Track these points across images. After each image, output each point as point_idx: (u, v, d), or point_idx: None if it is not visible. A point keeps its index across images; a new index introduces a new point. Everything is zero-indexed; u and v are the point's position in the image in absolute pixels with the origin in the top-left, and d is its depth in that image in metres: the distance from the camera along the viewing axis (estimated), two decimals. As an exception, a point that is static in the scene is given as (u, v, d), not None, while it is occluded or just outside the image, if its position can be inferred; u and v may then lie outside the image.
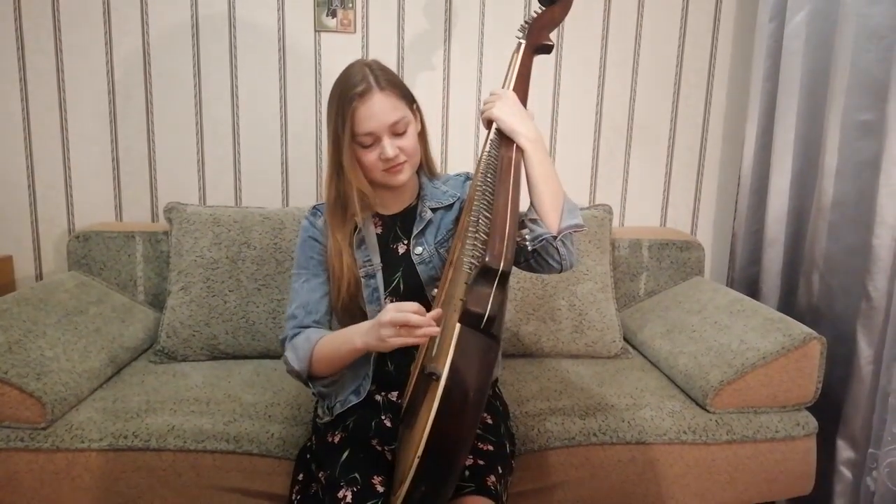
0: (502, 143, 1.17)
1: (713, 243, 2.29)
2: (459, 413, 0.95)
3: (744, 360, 1.55)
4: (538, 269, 1.21)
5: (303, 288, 1.32)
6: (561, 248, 1.17)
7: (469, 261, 1.00)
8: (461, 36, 2.08)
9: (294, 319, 1.30)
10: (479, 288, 0.97)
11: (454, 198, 1.36)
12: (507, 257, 0.97)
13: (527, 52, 1.27)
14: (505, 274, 0.97)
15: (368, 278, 1.30)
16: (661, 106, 2.19)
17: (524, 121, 1.18)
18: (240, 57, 2.03)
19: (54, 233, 2.08)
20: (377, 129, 1.20)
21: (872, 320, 1.60)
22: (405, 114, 1.23)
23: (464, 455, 1.02)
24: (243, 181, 2.11)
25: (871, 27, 1.61)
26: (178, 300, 1.81)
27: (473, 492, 1.14)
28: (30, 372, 1.42)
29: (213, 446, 1.43)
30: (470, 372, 0.95)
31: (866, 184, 1.64)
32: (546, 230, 1.16)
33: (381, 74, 1.22)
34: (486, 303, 0.96)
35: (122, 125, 2.04)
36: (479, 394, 0.97)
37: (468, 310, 0.96)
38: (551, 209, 1.17)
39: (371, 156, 1.23)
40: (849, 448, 1.68)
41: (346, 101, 1.20)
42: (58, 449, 1.40)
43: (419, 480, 0.98)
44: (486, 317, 0.96)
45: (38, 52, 1.97)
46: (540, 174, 1.17)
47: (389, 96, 1.21)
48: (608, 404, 1.59)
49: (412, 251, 1.31)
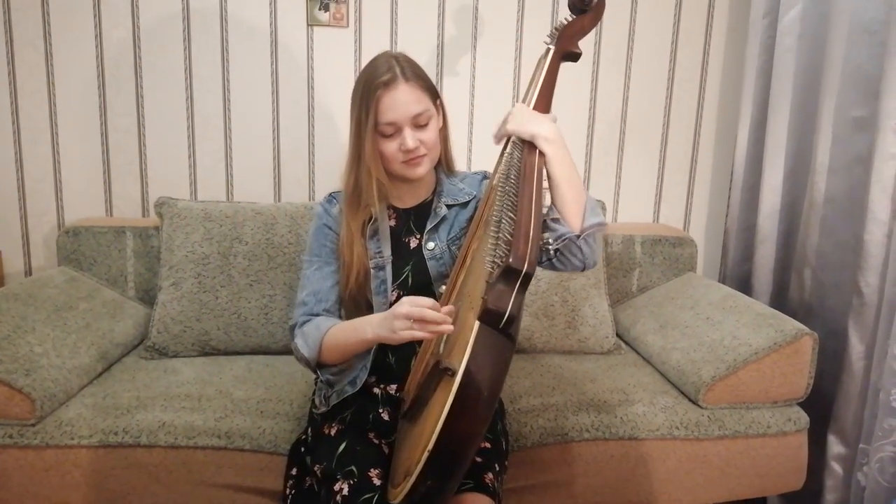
0: (524, 144, 1.17)
1: (706, 239, 2.30)
2: (472, 410, 0.96)
3: (736, 356, 1.55)
4: (561, 267, 1.20)
5: (314, 275, 1.32)
6: (584, 246, 1.16)
7: (492, 260, 1.00)
8: (455, 30, 2.07)
9: (304, 307, 1.30)
10: (501, 288, 0.97)
11: (470, 196, 1.36)
12: (530, 259, 0.97)
13: (555, 59, 1.27)
14: (528, 276, 0.97)
15: (378, 270, 1.30)
16: (654, 102, 2.19)
17: (541, 123, 1.17)
18: (231, 51, 2.02)
19: (44, 228, 2.06)
20: (400, 120, 1.20)
21: (864, 316, 1.61)
22: (428, 107, 1.24)
23: (473, 452, 1.03)
24: (235, 176, 2.10)
25: (864, 23, 1.61)
26: (169, 296, 1.80)
27: (472, 489, 1.14)
28: (19, 368, 1.41)
29: (204, 442, 1.42)
30: (485, 370, 0.95)
31: (858, 180, 1.65)
32: (569, 229, 1.15)
33: (407, 66, 1.23)
34: (507, 302, 0.96)
35: (112, 119, 2.02)
36: (492, 392, 0.97)
37: (489, 308, 0.96)
38: (574, 208, 1.16)
39: (391, 146, 1.23)
40: (840, 443, 1.69)
41: (371, 89, 1.20)
42: (47, 445, 1.39)
43: (427, 475, 0.98)
44: (507, 316, 0.96)
45: (27, 45, 1.95)
46: (561, 174, 1.16)
47: (414, 88, 1.21)
48: (601, 400, 1.59)
49: (424, 246, 1.31)
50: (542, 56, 1.30)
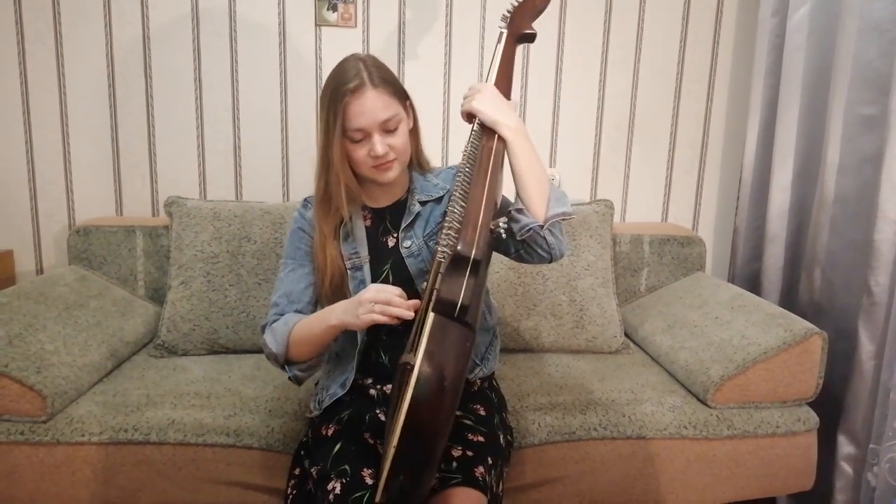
0: (484, 133, 1.17)
1: (714, 239, 2.29)
2: (435, 401, 0.96)
3: (745, 356, 1.55)
4: (528, 258, 1.21)
5: (288, 277, 1.34)
6: (549, 237, 1.16)
7: (443, 250, 1.00)
8: (462, 30, 2.07)
9: (276, 307, 1.32)
10: (452, 276, 0.97)
11: (444, 190, 1.35)
12: (478, 245, 0.97)
13: (509, 42, 1.26)
14: (477, 262, 0.97)
15: (355, 270, 1.30)
16: (662, 101, 2.18)
17: (505, 111, 1.18)
18: (240, 51, 2.03)
19: (55, 227, 2.08)
20: (368, 126, 1.20)
21: (874, 316, 1.60)
22: (397, 111, 1.23)
23: (441, 442, 1.03)
24: (244, 175, 2.11)
25: (874, 21, 1.60)
26: (179, 294, 1.81)
27: (460, 483, 1.14)
28: (30, 365, 1.42)
29: (213, 440, 1.43)
30: (444, 360, 0.95)
31: (868, 179, 1.64)
32: (532, 219, 1.16)
33: (375, 71, 1.22)
34: (458, 291, 0.96)
35: (122, 119, 2.04)
36: (454, 381, 0.97)
37: (441, 298, 0.96)
38: (537, 198, 1.17)
39: (361, 152, 1.23)
40: (850, 444, 1.68)
41: (339, 95, 1.19)
42: (58, 442, 1.40)
43: (398, 469, 0.99)
44: (460, 305, 0.96)
45: (38, 45, 1.97)
46: (523, 163, 1.17)
47: (382, 94, 1.20)
48: (609, 399, 1.58)
49: (401, 244, 1.31)
50: (497, 41, 1.28)
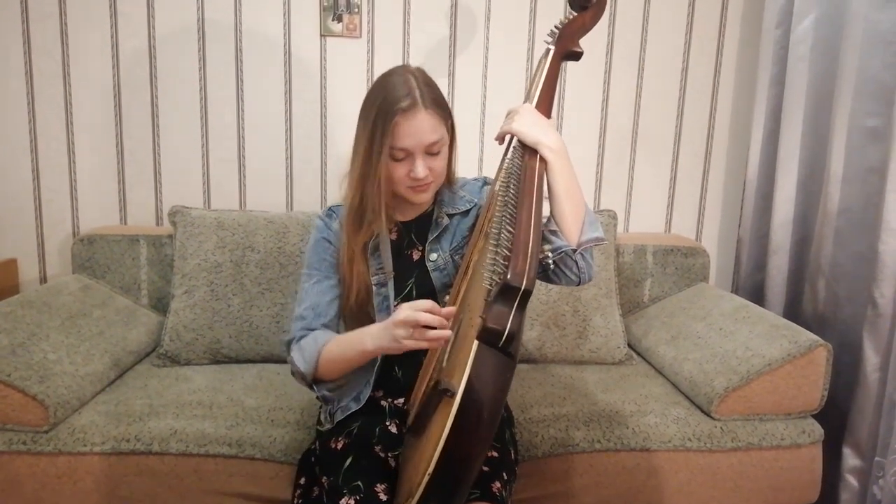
0: (525, 152, 1.14)
1: (718, 249, 2.29)
2: (473, 432, 0.93)
3: (749, 367, 1.54)
4: (555, 280, 1.18)
5: (313, 289, 1.29)
6: (580, 261, 1.15)
7: (490, 276, 0.97)
8: (467, 41, 2.07)
9: (302, 321, 1.28)
10: (500, 305, 0.93)
11: (471, 203, 1.34)
12: (529, 276, 0.93)
13: (555, 59, 1.24)
14: (527, 293, 0.93)
15: (380, 286, 1.28)
16: (666, 111, 2.18)
17: (546, 131, 1.15)
18: (245, 61, 2.04)
19: (59, 236, 2.08)
20: (413, 147, 1.18)
21: (879, 327, 1.59)
22: (443, 135, 1.21)
23: (474, 472, 1.01)
24: (248, 185, 2.11)
25: (879, 32, 1.60)
26: (182, 304, 1.81)
27: (478, 498, 1.13)
28: (33, 375, 1.42)
29: (215, 450, 1.42)
30: (485, 390, 0.92)
31: (873, 190, 1.64)
32: (566, 243, 1.14)
33: (426, 91, 1.18)
34: (505, 321, 0.92)
35: (127, 129, 2.04)
36: (493, 413, 0.94)
37: (487, 327, 0.92)
38: (573, 222, 1.15)
39: (400, 171, 1.20)
40: (855, 456, 1.67)
41: (389, 113, 1.15)
42: (60, 452, 1.40)
43: (429, 496, 0.96)
44: (506, 335, 0.92)
45: (44, 55, 1.98)
46: (563, 186, 1.14)
47: (433, 116, 1.18)
48: (612, 411, 1.58)
49: (427, 257, 1.30)
50: (543, 56, 1.27)
